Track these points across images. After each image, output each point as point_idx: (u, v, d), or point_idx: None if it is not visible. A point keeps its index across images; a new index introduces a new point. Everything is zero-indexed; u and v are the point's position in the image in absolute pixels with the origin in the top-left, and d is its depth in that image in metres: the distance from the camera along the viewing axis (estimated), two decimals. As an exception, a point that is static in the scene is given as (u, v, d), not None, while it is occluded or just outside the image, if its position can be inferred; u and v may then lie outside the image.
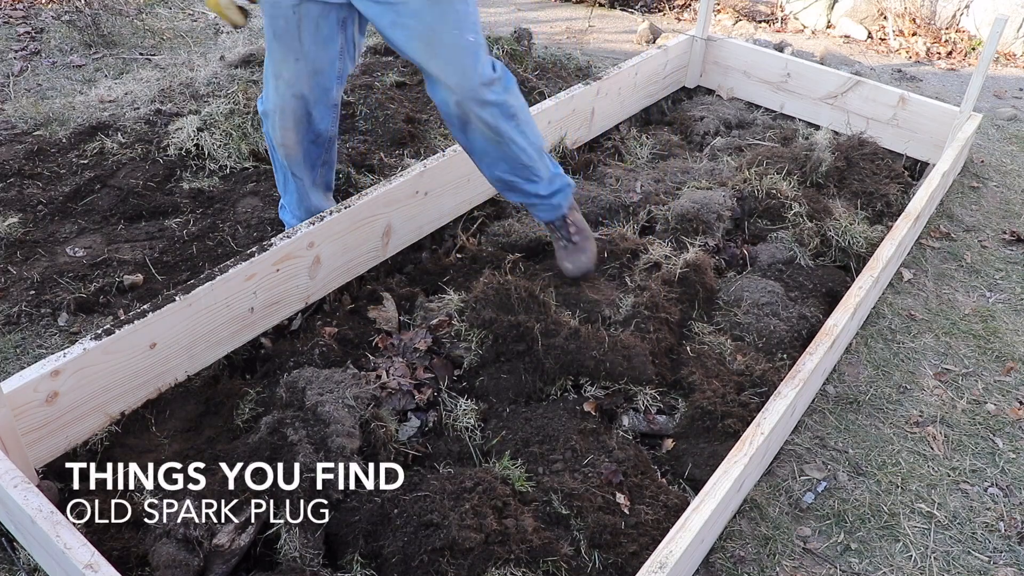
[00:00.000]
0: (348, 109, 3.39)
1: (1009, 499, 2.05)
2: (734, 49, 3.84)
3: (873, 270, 2.43)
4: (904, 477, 2.08)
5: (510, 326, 2.14)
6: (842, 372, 2.41)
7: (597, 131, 3.48)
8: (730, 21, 5.53)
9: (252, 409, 1.99)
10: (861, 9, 5.46)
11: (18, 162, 3.03)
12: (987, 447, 2.20)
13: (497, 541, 1.65)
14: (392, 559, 1.63)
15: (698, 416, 2.05)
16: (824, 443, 2.17)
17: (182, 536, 1.62)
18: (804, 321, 2.44)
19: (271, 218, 2.77)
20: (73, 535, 1.44)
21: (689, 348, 2.30)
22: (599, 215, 2.88)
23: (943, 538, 1.93)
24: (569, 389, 2.15)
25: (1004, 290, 2.83)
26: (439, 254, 2.71)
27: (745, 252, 2.77)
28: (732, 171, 3.14)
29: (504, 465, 1.89)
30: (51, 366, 1.75)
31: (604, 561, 1.71)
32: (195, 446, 1.90)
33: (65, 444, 1.84)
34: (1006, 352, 2.54)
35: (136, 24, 4.44)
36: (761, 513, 1.95)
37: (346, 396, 1.88)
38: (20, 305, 2.37)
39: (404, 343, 2.23)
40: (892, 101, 3.43)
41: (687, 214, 2.75)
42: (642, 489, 1.88)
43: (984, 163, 3.67)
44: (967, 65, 5.06)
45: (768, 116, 3.77)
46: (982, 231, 3.17)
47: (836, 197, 3.04)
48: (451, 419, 2.03)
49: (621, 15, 5.49)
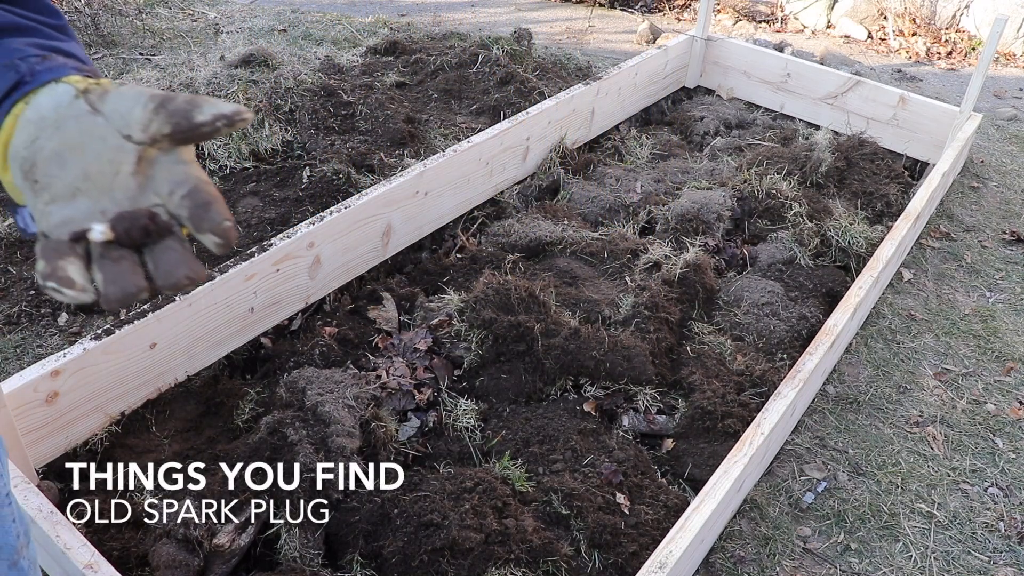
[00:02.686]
0: (348, 109, 3.39)
1: (1009, 499, 2.05)
2: (734, 49, 3.84)
3: (873, 270, 2.43)
4: (904, 477, 2.08)
5: (510, 326, 2.13)
6: (842, 372, 2.41)
7: (597, 131, 3.48)
8: (730, 21, 5.53)
9: (252, 409, 1.99)
10: (861, 9, 5.46)
11: (18, 162, 3.02)
12: (987, 447, 2.20)
13: (497, 541, 1.65)
14: (392, 559, 1.63)
15: (698, 416, 2.05)
16: (824, 443, 2.17)
17: (182, 536, 1.62)
18: (804, 321, 2.44)
19: (271, 218, 2.77)
20: (73, 535, 1.44)
21: (689, 348, 2.30)
22: (599, 215, 2.88)
23: (943, 538, 1.93)
24: (569, 389, 2.15)
25: (1004, 290, 2.83)
26: (439, 254, 2.70)
27: (745, 252, 2.77)
28: (732, 171, 3.14)
29: (504, 465, 1.89)
30: (51, 366, 1.75)
31: (604, 561, 1.71)
32: (195, 446, 1.89)
33: (65, 444, 1.84)
34: (1006, 352, 2.54)
35: (136, 24, 4.44)
36: (761, 513, 1.95)
37: (346, 396, 1.88)
38: (20, 305, 2.37)
39: (404, 343, 2.23)
40: (892, 101, 3.43)
41: (687, 214, 2.75)
42: (642, 489, 1.88)
43: (984, 163, 3.67)
44: (967, 65, 5.06)
45: (768, 116, 3.77)
46: (982, 231, 3.16)
47: (836, 197, 3.04)
48: (451, 419, 2.03)
49: (621, 15, 5.49)
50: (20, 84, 0.61)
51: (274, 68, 3.68)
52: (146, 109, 0.58)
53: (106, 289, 0.56)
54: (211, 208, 0.58)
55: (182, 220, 0.58)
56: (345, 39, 4.43)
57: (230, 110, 0.58)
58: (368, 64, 3.93)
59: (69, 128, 0.59)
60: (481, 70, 3.69)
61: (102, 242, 0.58)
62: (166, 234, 0.59)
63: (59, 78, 0.62)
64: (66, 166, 0.59)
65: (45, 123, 0.59)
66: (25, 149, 0.59)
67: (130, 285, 0.57)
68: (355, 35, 4.49)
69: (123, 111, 0.59)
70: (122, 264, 0.57)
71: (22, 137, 0.60)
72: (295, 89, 3.34)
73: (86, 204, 0.59)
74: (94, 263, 0.58)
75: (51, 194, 0.59)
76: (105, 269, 0.57)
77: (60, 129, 0.59)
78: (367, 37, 4.43)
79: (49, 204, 0.59)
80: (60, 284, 0.56)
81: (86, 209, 0.59)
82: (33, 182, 0.59)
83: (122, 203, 0.59)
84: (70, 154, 0.59)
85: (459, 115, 3.52)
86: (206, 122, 0.58)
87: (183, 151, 0.60)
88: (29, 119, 0.60)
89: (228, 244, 0.58)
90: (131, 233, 0.58)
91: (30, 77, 0.62)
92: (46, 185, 0.59)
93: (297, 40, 4.41)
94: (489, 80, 3.64)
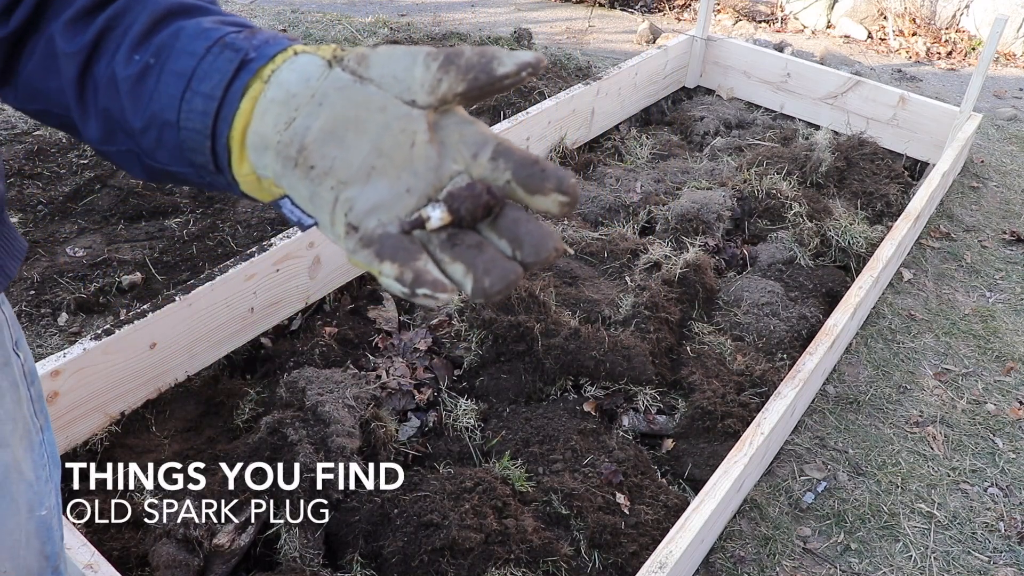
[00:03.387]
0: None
1: (1009, 499, 2.05)
2: (734, 49, 3.84)
3: (873, 270, 2.43)
4: (904, 477, 2.08)
5: (510, 326, 2.13)
6: (842, 372, 2.41)
7: (597, 131, 3.48)
8: (730, 21, 5.53)
9: (252, 409, 1.99)
10: (861, 9, 5.46)
11: (18, 162, 3.02)
12: (987, 447, 2.20)
13: (497, 541, 1.65)
14: (392, 559, 1.63)
15: (698, 416, 2.05)
16: (824, 443, 2.17)
17: (182, 536, 1.62)
18: (804, 321, 2.44)
19: (271, 218, 2.77)
20: (73, 535, 1.44)
21: (689, 348, 2.30)
22: (599, 215, 2.88)
23: (943, 538, 1.93)
24: (569, 389, 2.15)
25: (1004, 290, 2.83)
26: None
27: (745, 252, 2.77)
28: (732, 171, 3.14)
29: (504, 465, 1.89)
30: (51, 366, 1.74)
31: (604, 561, 1.71)
32: (195, 446, 1.89)
33: (65, 444, 1.84)
34: (1006, 352, 2.54)
35: (136, 24, 4.44)
36: (761, 513, 1.95)
37: (346, 396, 1.88)
38: (20, 305, 2.37)
39: (404, 343, 2.23)
40: (892, 101, 3.43)
41: (687, 214, 2.75)
42: (642, 489, 1.88)
43: (984, 163, 3.67)
44: (967, 65, 5.06)
45: (768, 116, 3.77)
46: (982, 231, 3.16)
47: (836, 197, 3.04)
48: (451, 419, 2.03)
49: (621, 15, 5.49)
50: (245, 63, 0.54)
51: (274, 68, 3.67)
52: (429, 69, 0.51)
53: (482, 283, 0.47)
54: (540, 164, 0.50)
55: (509, 187, 0.50)
56: (345, 39, 4.43)
57: (532, 57, 0.50)
58: (368, 64, 3.92)
59: (334, 102, 0.52)
60: (481, 70, 3.68)
61: (437, 228, 0.50)
62: (503, 206, 0.50)
63: (284, 49, 0.54)
64: (348, 145, 0.51)
65: (299, 100, 0.52)
66: (280, 134, 0.52)
67: (509, 271, 0.48)
68: (355, 35, 4.49)
69: (399, 74, 0.52)
70: (487, 250, 0.49)
71: (270, 120, 0.52)
72: (295, 89, 3.34)
73: (386, 184, 0.51)
74: (442, 253, 0.49)
75: (338, 178, 0.51)
76: (469, 259, 0.48)
77: (325, 104, 0.52)
78: (367, 37, 4.43)
79: (339, 190, 0.51)
80: (434, 289, 0.47)
81: (390, 190, 0.51)
82: (308, 168, 0.52)
83: (427, 176, 0.51)
84: (348, 131, 0.51)
85: (459, 115, 3.52)
86: (509, 73, 0.49)
87: (460, 110, 0.53)
88: (273, 99, 0.52)
89: (575, 200, 0.50)
90: (475, 213, 0.49)
91: (254, 53, 0.54)
92: (328, 169, 0.51)
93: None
94: (489, 80, 3.64)
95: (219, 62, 0.54)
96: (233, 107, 0.54)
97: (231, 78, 0.54)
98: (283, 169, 0.53)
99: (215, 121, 0.54)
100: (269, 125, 0.53)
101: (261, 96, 0.53)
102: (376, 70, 0.52)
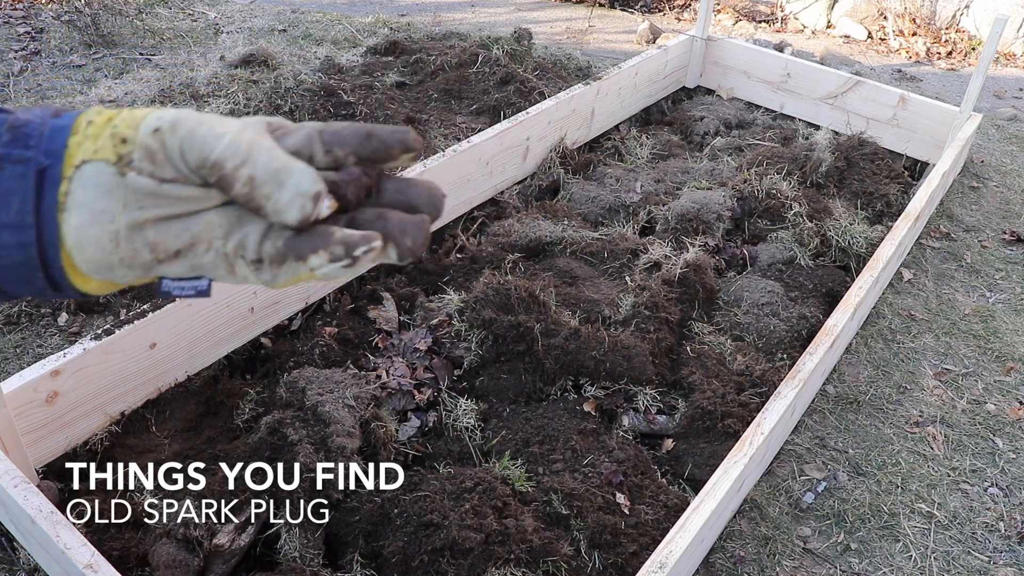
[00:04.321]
0: (348, 109, 3.39)
1: (1009, 499, 2.05)
2: (734, 49, 3.84)
3: (873, 270, 2.43)
4: (904, 477, 2.08)
5: (510, 326, 2.13)
6: (842, 372, 2.41)
7: (597, 131, 3.48)
8: (730, 21, 5.53)
9: (252, 409, 1.99)
10: (861, 9, 5.46)
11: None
12: (987, 447, 2.20)
13: (497, 541, 1.65)
14: (392, 559, 1.63)
15: (698, 416, 2.05)
16: (824, 443, 2.17)
17: (182, 536, 1.62)
18: (804, 321, 2.44)
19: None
20: (73, 535, 1.44)
21: (689, 348, 2.30)
22: (599, 215, 2.88)
23: (943, 538, 1.93)
24: (569, 389, 2.15)
25: (1004, 290, 2.83)
26: (439, 254, 2.70)
27: (745, 252, 2.77)
28: (732, 171, 3.14)
29: (504, 465, 1.89)
30: (51, 366, 1.74)
31: (604, 561, 1.71)
32: (195, 446, 1.90)
33: (65, 444, 1.84)
34: (1006, 352, 2.54)
35: (136, 24, 4.44)
36: (761, 513, 1.95)
37: (346, 396, 1.88)
38: (20, 305, 2.37)
39: (404, 343, 2.23)
40: (892, 101, 3.43)
41: (687, 214, 2.75)
42: (642, 489, 1.88)
43: (984, 163, 3.67)
44: (967, 65, 5.06)
45: (768, 116, 3.77)
46: (982, 231, 3.16)
47: (836, 197, 3.04)
48: (451, 419, 2.03)
49: (621, 15, 5.49)
50: (43, 175, 0.46)
51: (274, 68, 3.68)
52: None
53: (404, 243, 0.48)
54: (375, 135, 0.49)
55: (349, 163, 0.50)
56: (345, 39, 4.43)
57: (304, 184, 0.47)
58: (368, 64, 3.93)
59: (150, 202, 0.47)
60: (481, 70, 3.69)
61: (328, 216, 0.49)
62: (380, 180, 0.51)
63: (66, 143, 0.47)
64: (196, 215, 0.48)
65: (112, 213, 0.46)
66: (116, 253, 0.47)
67: (421, 224, 0.49)
68: (355, 35, 4.49)
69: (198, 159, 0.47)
70: (391, 216, 0.49)
71: (92, 250, 0.47)
72: (295, 89, 3.34)
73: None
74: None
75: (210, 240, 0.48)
76: (380, 229, 0.48)
77: (145, 207, 0.47)
78: (367, 37, 4.43)
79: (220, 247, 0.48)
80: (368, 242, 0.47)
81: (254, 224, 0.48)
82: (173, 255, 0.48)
83: None
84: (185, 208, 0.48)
85: (459, 115, 3.52)
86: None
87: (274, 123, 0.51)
88: (81, 225, 0.46)
89: (422, 148, 0.51)
90: (359, 194, 0.50)
91: (43, 157, 0.46)
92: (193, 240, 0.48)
93: (297, 40, 4.41)
94: (489, 80, 3.64)
95: (6, 180, 0.46)
96: (54, 229, 0.46)
97: (36, 197, 0.46)
98: (146, 271, 0.48)
99: (40, 249, 0.47)
100: (97, 254, 0.47)
101: (64, 224, 0.46)
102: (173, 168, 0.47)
